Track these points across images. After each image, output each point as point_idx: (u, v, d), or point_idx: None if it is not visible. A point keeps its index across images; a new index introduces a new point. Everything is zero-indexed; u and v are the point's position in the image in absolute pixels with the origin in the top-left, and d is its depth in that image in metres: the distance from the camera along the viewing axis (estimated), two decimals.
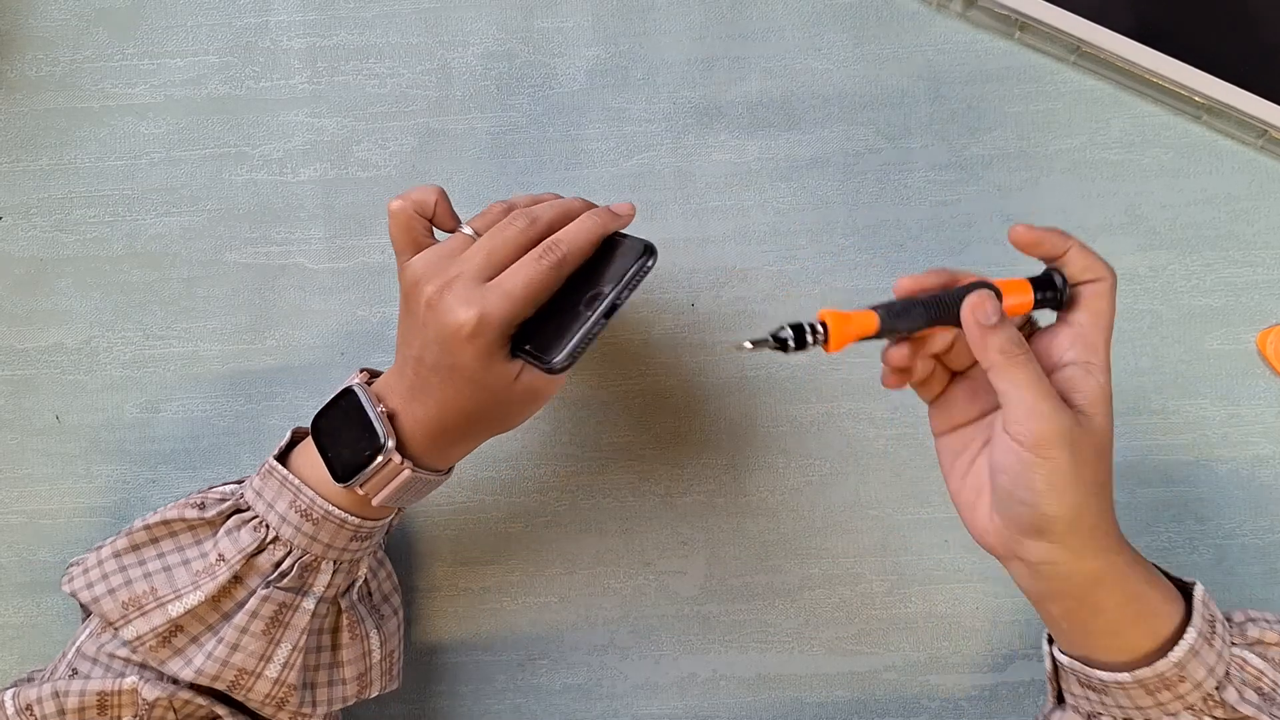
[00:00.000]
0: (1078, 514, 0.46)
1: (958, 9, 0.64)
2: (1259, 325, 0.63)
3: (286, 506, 0.53)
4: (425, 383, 0.51)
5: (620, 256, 0.52)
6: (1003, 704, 0.63)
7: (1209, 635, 0.48)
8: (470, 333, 0.49)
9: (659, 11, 0.65)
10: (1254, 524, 0.63)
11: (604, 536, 0.65)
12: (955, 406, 0.51)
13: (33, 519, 0.66)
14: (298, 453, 0.55)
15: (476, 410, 0.52)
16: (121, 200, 0.66)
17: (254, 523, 0.53)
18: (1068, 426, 0.45)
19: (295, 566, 0.53)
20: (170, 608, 0.52)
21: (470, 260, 0.50)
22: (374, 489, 0.52)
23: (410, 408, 0.52)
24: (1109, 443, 0.47)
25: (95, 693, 0.51)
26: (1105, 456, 0.47)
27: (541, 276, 0.50)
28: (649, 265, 0.52)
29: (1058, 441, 0.45)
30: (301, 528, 0.53)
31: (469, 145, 0.66)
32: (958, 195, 0.64)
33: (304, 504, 0.53)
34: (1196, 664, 0.48)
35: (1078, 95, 0.64)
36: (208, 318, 0.66)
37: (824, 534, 0.64)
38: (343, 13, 0.66)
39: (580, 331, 0.50)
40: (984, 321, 0.47)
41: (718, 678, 0.64)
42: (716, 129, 0.65)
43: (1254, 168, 0.63)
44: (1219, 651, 0.48)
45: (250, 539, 0.53)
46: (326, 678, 0.56)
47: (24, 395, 0.66)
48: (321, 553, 0.53)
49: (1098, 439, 0.46)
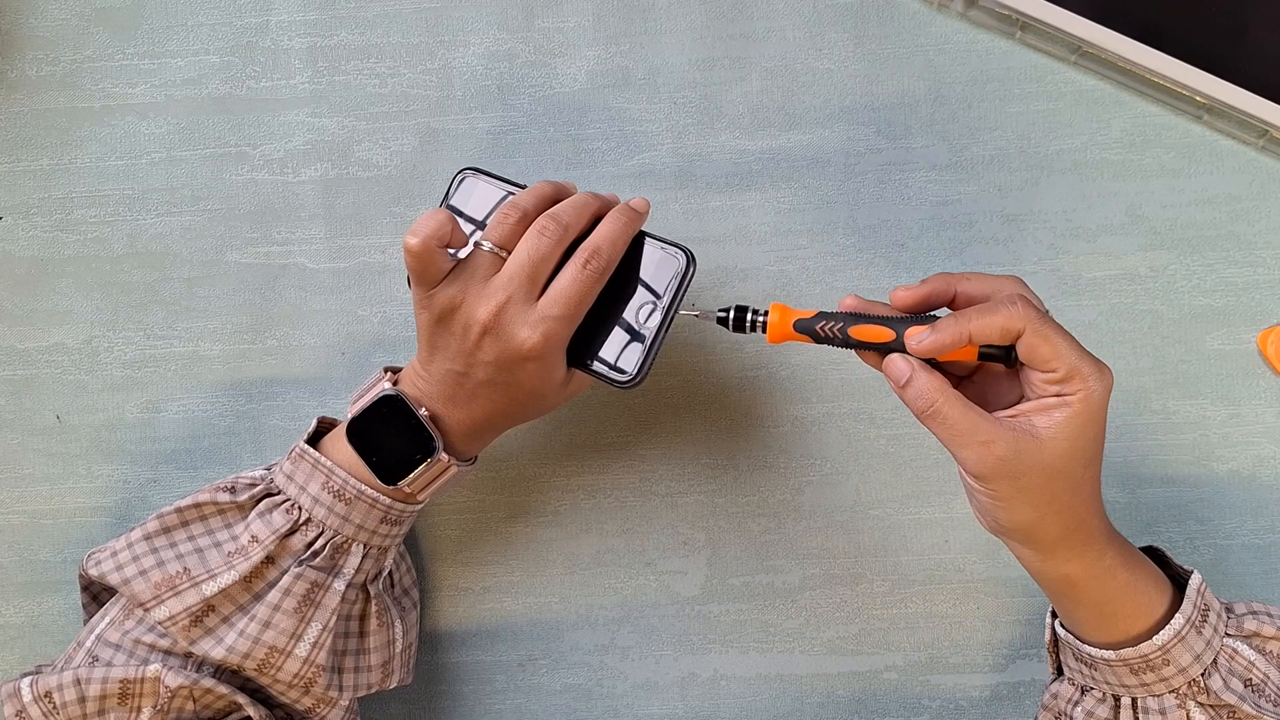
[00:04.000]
0: (1032, 528, 0.48)
1: (958, 9, 0.64)
2: (1260, 325, 0.63)
3: (319, 488, 0.54)
4: (469, 393, 0.53)
5: (648, 250, 0.55)
6: (1003, 704, 0.63)
7: (1199, 624, 0.50)
8: (535, 354, 0.51)
9: (660, 11, 0.65)
10: (1254, 524, 0.63)
11: (605, 536, 0.65)
12: None
13: (33, 519, 0.66)
14: (327, 441, 0.56)
15: (520, 411, 0.55)
16: (122, 200, 0.66)
17: (285, 505, 0.54)
18: (998, 462, 0.47)
19: (327, 546, 0.54)
20: (204, 587, 0.53)
21: (516, 281, 0.51)
22: (419, 486, 0.55)
23: (451, 411, 0.54)
24: (1068, 464, 0.47)
25: (118, 680, 0.52)
26: (1059, 477, 0.47)
27: (590, 287, 0.52)
28: (692, 273, 0.55)
29: (992, 476, 0.47)
30: (334, 508, 0.54)
31: (470, 145, 0.66)
32: (958, 195, 0.64)
33: (337, 485, 0.54)
34: (1182, 649, 0.49)
35: (1078, 95, 0.64)
36: (208, 318, 0.66)
37: (824, 534, 0.64)
38: (343, 12, 0.66)
39: (653, 348, 0.54)
40: (897, 383, 0.49)
41: (718, 678, 0.64)
42: (717, 129, 0.65)
43: (1255, 168, 0.63)
44: (1208, 640, 0.50)
45: (283, 520, 0.54)
46: (353, 663, 0.57)
47: (25, 395, 0.66)
48: (353, 534, 0.55)
49: (1048, 462, 0.47)
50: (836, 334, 0.50)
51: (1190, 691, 0.50)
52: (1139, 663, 0.50)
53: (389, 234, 0.66)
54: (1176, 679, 0.50)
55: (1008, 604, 0.63)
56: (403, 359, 0.65)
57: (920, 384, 0.48)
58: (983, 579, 0.64)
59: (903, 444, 0.64)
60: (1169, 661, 0.49)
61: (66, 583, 0.66)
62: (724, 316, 0.53)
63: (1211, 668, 0.50)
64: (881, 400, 0.64)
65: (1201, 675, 0.50)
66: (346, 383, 0.65)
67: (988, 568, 0.64)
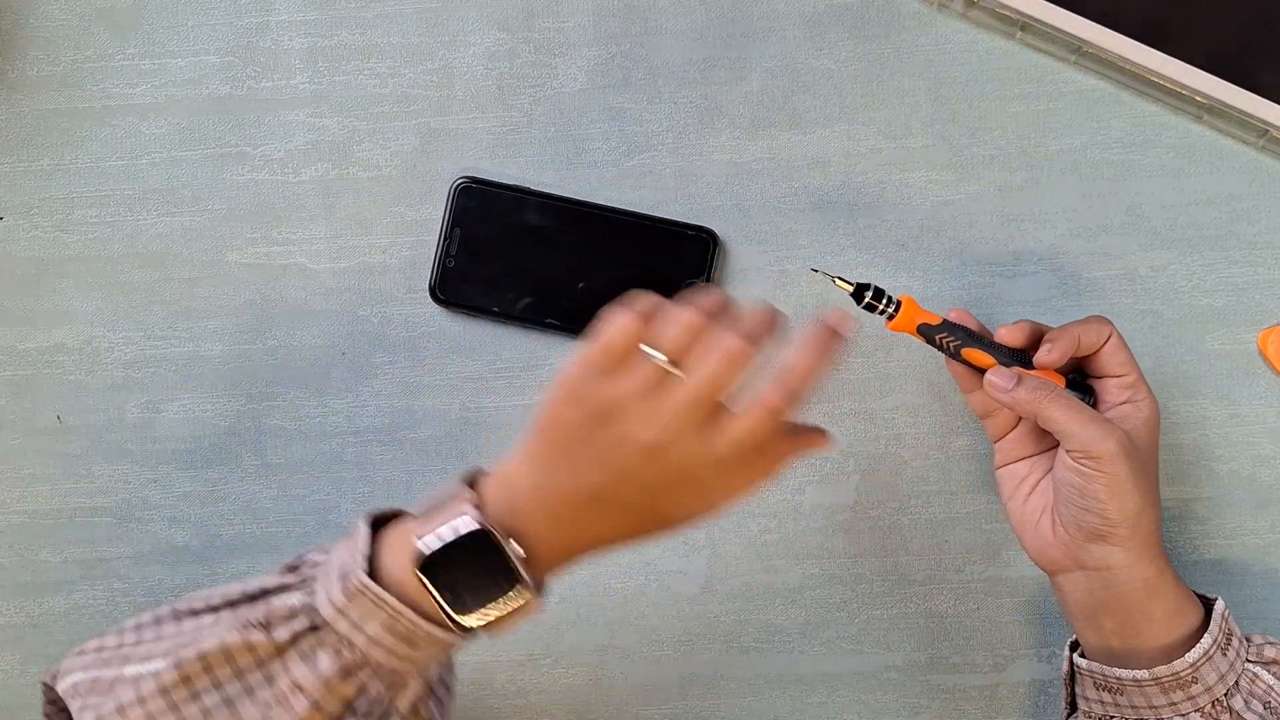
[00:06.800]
0: (1138, 518, 0.51)
1: (959, 9, 0.64)
2: (1260, 325, 0.63)
3: (380, 629, 0.45)
4: (599, 510, 0.46)
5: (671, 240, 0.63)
6: (1003, 704, 0.63)
7: (1224, 645, 0.52)
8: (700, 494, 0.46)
9: (660, 11, 0.65)
10: (1255, 524, 0.63)
11: None
12: (1020, 443, 0.56)
13: (34, 519, 0.66)
14: (385, 558, 0.47)
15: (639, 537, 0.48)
16: (123, 200, 0.66)
17: (335, 644, 0.45)
18: (1120, 441, 0.51)
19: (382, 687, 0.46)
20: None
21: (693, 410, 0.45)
22: (499, 628, 0.47)
23: (554, 533, 0.47)
24: (1155, 462, 0.54)
25: None
26: (1153, 473, 0.53)
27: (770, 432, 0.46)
28: (716, 250, 0.63)
29: (1112, 455, 0.50)
30: (396, 650, 0.46)
31: (470, 145, 0.66)
32: (958, 195, 0.64)
33: (404, 629, 0.45)
34: (1209, 668, 0.51)
35: (1078, 95, 0.64)
36: (209, 318, 0.66)
37: (824, 534, 0.64)
38: (344, 12, 0.66)
39: None
40: (1001, 395, 0.53)
41: (718, 678, 0.64)
42: (717, 129, 0.65)
43: (1255, 167, 0.63)
44: (1231, 662, 0.52)
45: (331, 665, 0.45)
46: None
47: (25, 395, 0.66)
48: (412, 669, 0.47)
49: (1145, 456, 0.53)
50: (950, 347, 0.55)
51: (1215, 711, 0.51)
52: (1170, 680, 0.51)
53: (389, 234, 0.66)
54: (1203, 698, 0.51)
55: (1008, 604, 0.63)
56: (403, 359, 0.65)
57: (1031, 380, 0.53)
58: (983, 579, 0.64)
59: (903, 444, 0.64)
60: (1197, 679, 0.51)
61: (66, 583, 0.66)
62: (859, 290, 0.55)
63: (1234, 689, 0.52)
64: (881, 400, 0.64)
65: (1225, 695, 0.51)
66: (346, 383, 0.65)
67: (988, 568, 0.64)
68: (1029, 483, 0.56)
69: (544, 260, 0.64)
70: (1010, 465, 0.57)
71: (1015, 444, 0.57)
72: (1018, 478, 0.56)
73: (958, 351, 0.55)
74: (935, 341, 0.55)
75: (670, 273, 0.63)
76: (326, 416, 0.65)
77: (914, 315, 0.55)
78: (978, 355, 0.55)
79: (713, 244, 0.63)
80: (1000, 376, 0.53)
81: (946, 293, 0.64)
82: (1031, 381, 0.53)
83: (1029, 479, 0.56)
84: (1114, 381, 0.55)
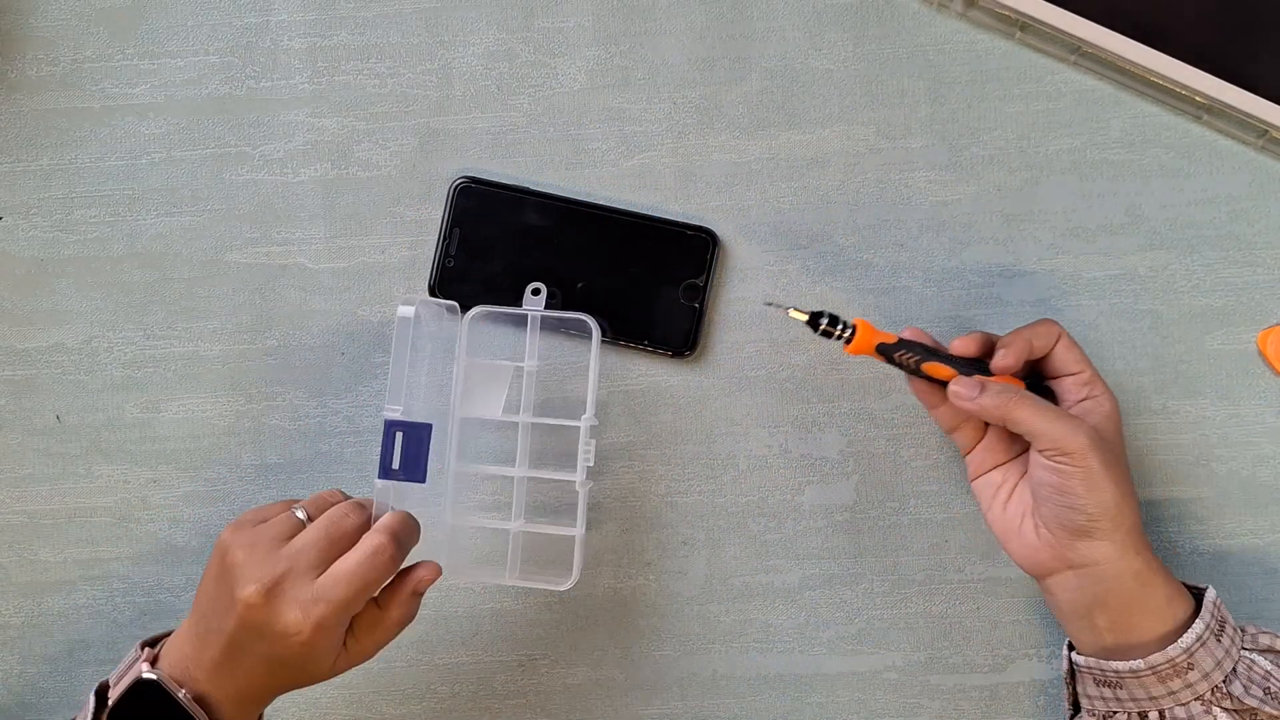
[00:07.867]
0: (1119, 509, 0.52)
1: (958, 9, 0.64)
2: (1259, 325, 0.63)
3: None
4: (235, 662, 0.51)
5: (683, 247, 0.63)
6: (1003, 704, 0.63)
7: (1217, 632, 0.52)
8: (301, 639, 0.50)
9: (660, 11, 0.65)
10: (1254, 524, 0.63)
11: (604, 536, 0.65)
12: (991, 452, 0.57)
13: (33, 519, 0.66)
14: None
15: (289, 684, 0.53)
16: (122, 200, 0.66)
17: None
18: (1089, 435, 0.52)
19: None
20: None
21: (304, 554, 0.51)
22: None
23: (219, 683, 0.51)
24: (1123, 454, 0.55)
25: None
26: (1124, 465, 0.54)
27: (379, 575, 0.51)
28: (715, 249, 0.63)
29: (1084, 448, 0.51)
30: None
31: (470, 145, 0.66)
32: (958, 195, 0.64)
33: None
34: (1204, 654, 0.52)
35: (1078, 95, 0.64)
36: (208, 318, 0.66)
37: (824, 534, 0.64)
38: (343, 12, 0.66)
39: (699, 324, 0.63)
40: (968, 404, 0.54)
41: (718, 678, 0.64)
42: (717, 129, 0.65)
43: (1254, 167, 0.63)
44: (1227, 649, 0.52)
45: None
46: None
47: (25, 395, 0.66)
48: None
49: (1113, 448, 0.54)
50: (910, 363, 0.55)
51: (1214, 698, 0.52)
52: (1167, 668, 0.51)
53: (389, 234, 0.66)
54: (1201, 684, 0.52)
55: (1008, 604, 0.63)
56: None
57: (995, 386, 0.54)
58: (982, 579, 0.64)
59: (903, 444, 0.64)
60: (1193, 666, 0.51)
61: (66, 583, 0.66)
62: (814, 319, 0.55)
63: (1231, 675, 0.52)
64: (881, 400, 0.64)
65: (1224, 681, 0.52)
66: (346, 383, 0.65)
67: (987, 568, 0.64)
68: (1005, 490, 0.57)
69: (543, 260, 0.64)
70: (984, 475, 0.57)
71: (985, 454, 0.57)
72: (993, 486, 0.57)
73: (918, 367, 0.55)
74: (895, 360, 0.56)
75: (670, 273, 0.63)
76: (326, 416, 0.65)
77: (870, 337, 0.55)
78: (938, 368, 0.55)
79: (712, 244, 0.63)
80: (964, 385, 0.54)
81: (946, 293, 0.64)
82: (995, 387, 0.54)
83: (1004, 486, 0.57)
84: (1070, 380, 0.56)
